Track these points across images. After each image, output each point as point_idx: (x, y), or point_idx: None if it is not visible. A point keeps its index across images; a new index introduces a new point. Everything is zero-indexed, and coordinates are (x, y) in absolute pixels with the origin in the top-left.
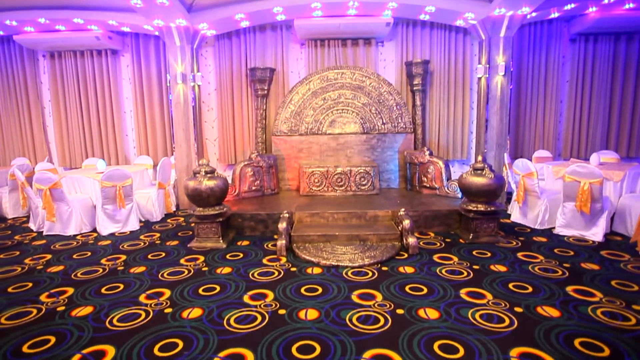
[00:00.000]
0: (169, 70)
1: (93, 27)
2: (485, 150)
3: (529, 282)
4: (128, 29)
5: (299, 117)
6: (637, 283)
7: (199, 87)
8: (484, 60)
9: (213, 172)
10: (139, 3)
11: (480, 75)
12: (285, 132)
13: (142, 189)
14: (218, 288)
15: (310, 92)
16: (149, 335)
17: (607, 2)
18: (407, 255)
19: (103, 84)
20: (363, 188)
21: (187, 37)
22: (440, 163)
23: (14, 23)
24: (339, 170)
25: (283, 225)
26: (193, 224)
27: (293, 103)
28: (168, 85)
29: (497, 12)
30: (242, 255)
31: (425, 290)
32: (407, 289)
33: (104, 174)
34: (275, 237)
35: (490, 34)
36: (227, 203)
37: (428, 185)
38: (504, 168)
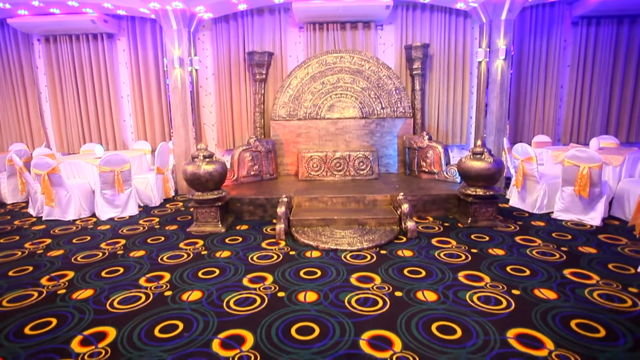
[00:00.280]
0: (166, 55)
1: (88, 10)
2: (485, 135)
3: (527, 265)
4: (124, 12)
5: (298, 101)
6: (633, 266)
7: (197, 71)
8: (485, 44)
9: (211, 156)
10: None
11: (481, 59)
12: (284, 116)
13: (140, 174)
14: (217, 271)
15: (309, 76)
16: (150, 317)
17: None
18: (405, 239)
19: (99, 69)
20: (362, 173)
21: (183, 20)
22: (439, 148)
23: (7, 6)
24: (338, 155)
25: (282, 210)
26: (192, 209)
27: (291, 87)
28: (165, 70)
29: None
30: (241, 240)
31: (424, 273)
32: (405, 272)
33: (102, 159)
34: (274, 221)
35: (491, 17)
36: (225, 188)
37: (427, 170)
38: (503, 153)
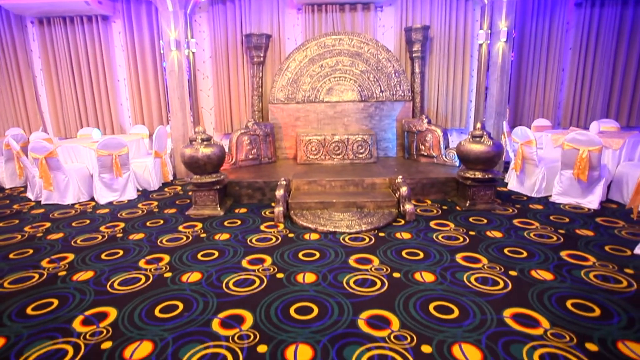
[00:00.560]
0: (162, 37)
1: None
2: (484, 119)
3: (524, 247)
4: None
5: (296, 84)
6: (630, 248)
7: (194, 54)
8: (486, 26)
9: (209, 139)
10: None
11: (482, 42)
12: (282, 100)
13: (138, 158)
14: (216, 253)
15: (307, 59)
16: (150, 298)
17: None
18: (404, 222)
19: (95, 52)
20: (360, 156)
21: (179, 1)
22: (439, 131)
23: None
24: (337, 139)
25: (280, 193)
26: (190, 192)
27: (290, 70)
28: (162, 53)
29: None
30: (239, 222)
31: (422, 255)
32: (403, 254)
33: (100, 143)
34: (273, 204)
35: None
36: (224, 171)
37: (426, 154)
38: (503, 136)
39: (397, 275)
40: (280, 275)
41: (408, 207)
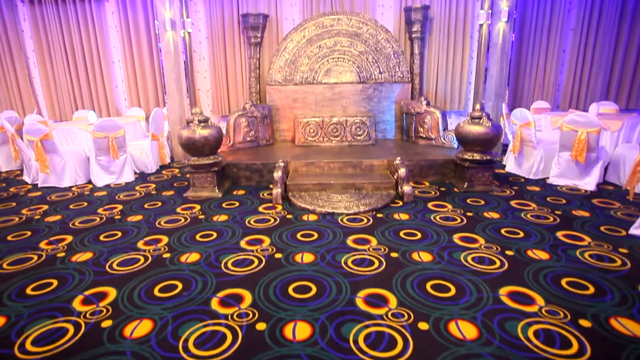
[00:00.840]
0: (157, 17)
1: None
2: (484, 101)
3: (521, 227)
4: None
5: (294, 66)
6: (625, 228)
7: (189, 34)
8: (487, 6)
9: (206, 121)
10: None
11: (482, 22)
12: (280, 81)
13: (135, 141)
14: (215, 234)
15: (305, 39)
16: (149, 278)
17: None
18: (402, 203)
19: (88, 32)
20: (359, 138)
21: None
22: (437, 113)
23: None
24: (335, 121)
25: (278, 174)
26: (188, 175)
27: (287, 51)
28: (157, 33)
29: None
30: (238, 204)
31: (419, 236)
32: (401, 234)
33: (96, 125)
34: (271, 186)
35: None
36: (221, 154)
37: (424, 136)
38: (502, 118)
39: (394, 255)
40: (279, 256)
41: (406, 188)
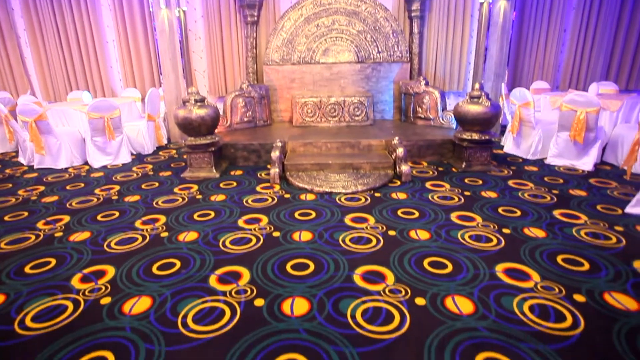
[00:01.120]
0: None
1: None
2: (483, 81)
3: (518, 206)
4: None
5: (291, 45)
6: (621, 207)
7: (184, 13)
8: None
9: (203, 100)
10: None
11: (483, 0)
12: (277, 61)
13: (131, 122)
14: (212, 214)
15: (303, 18)
16: (147, 257)
17: None
18: (400, 183)
19: (80, 11)
20: (357, 119)
21: None
22: (436, 93)
23: None
24: (333, 101)
25: (276, 154)
26: (185, 155)
27: (285, 30)
28: (151, 11)
29: None
30: (235, 184)
31: (417, 214)
32: (399, 213)
33: (91, 105)
34: (269, 166)
35: None
36: (219, 134)
37: (423, 116)
38: (501, 98)
39: (392, 233)
40: (277, 234)
41: (404, 168)
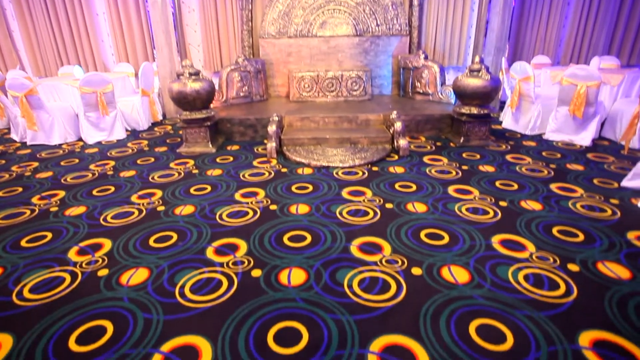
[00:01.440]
0: None
1: None
2: (483, 55)
3: (515, 180)
4: None
5: (288, 17)
6: (618, 181)
7: None
8: None
9: (197, 73)
10: None
11: None
12: (273, 34)
13: (125, 97)
14: (209, 188)
15: None
16: (144, 230)
17: None
18: (397, 157)
19: None
20: (355, 93)
21: None
22: (435, 67)
23: None
24: (330, 75)
25: (273, 128)
26: (181, 131)
27: (281, 2)
28: None
29: None
30: (232, 159)
31: (414, 188)
32: (396, 187)
33: (82, 80)
34: (265, 141)
35: None
36: (215, 109)
37: (421, 91)
38: (501, 73)
39: (389, 206)
40: (274, 207)
41: (402, 142)
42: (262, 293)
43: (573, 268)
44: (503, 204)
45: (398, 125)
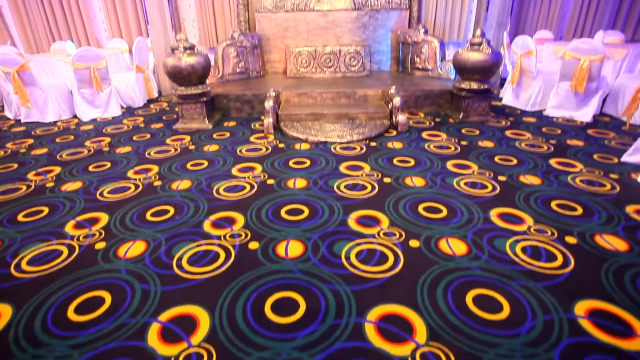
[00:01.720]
0: None
1: None
2: (485, 29)
3: (515, 155)
4: None
5: None
6: (618, 156)
7: None
8: None
9: (192, 47)
10: None
11: None
12: (270, 8)
13: (119, 73)
14: (206, 163)
15: None
16: (140, 204)
17: None
18: (396, 133)
19: None
20: (353, 69)
21: None
22: (435, 42)
23: None
24: (328, 50)
25: (270, 104)
26: (177, 107)
27: None
28: None
29: None
30: (229, 135)
31: (413, 162)
32: (394, 161)
33: (75, 55)
34: (262, 117)
35: None
36: (211, 85)
37: (421, 67)
38: (502, 48)
39: (387, 180)
40: (271, 182)
41: (400, 117)
42: (259, 265)
43: (571, 240)
44: (502, 179)
45: (397, 101)
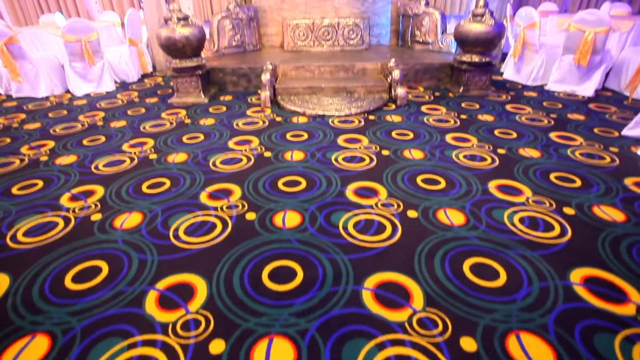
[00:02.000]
0: None
1: None
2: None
3: (515, 129)
4: None
5: None
6: (618, 130)
7: None
8: None
9: (186, 18)
10: None
11: None
12: None
13: (112, 46)
14: (202, 136)
15: None
16: (136, 177)
17: None
18: (395, 106)
19: None
20: (351, 43)
21: None
22: (437, 14)
23: None
24: (326, 23)
25: (267, 77)
26: (172, 82)
27: None
28: None
29: None
30: (225, 109)
31: (412, 135)
32: (393, 134)
33: (65, 27)
34: (259, 91)
35: None
36: (206, 59)
37: (421, 40)
38: (505, 21)
39: (386, 153)
40: (268, 154)
41: (400, 91)
42: (256, 235)
43: (569, 211)
44: (501, 152)
45: (396, 74)
